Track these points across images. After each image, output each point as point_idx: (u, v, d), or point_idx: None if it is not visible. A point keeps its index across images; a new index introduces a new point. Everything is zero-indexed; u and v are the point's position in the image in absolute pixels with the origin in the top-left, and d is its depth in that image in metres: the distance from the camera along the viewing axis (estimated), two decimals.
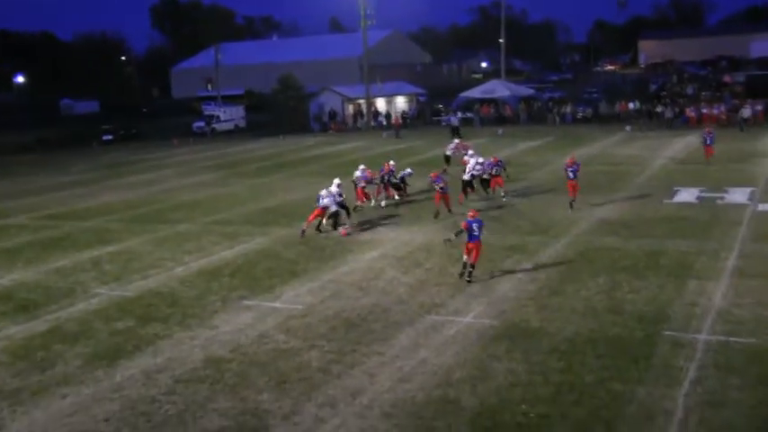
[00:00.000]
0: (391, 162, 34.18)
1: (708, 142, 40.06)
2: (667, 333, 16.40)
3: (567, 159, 31.25)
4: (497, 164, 33.41)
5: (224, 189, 41.37)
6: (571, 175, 29.84)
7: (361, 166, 33.58)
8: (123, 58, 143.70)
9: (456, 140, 45.20)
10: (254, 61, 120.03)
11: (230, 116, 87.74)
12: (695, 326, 16.75)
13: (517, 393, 13.85)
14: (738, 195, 31.05)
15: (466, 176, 32.81)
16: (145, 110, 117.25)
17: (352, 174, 33.48)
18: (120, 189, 43.59)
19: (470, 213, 21.65)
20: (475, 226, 20.99)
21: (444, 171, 39.47)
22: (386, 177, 33.21)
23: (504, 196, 32.65)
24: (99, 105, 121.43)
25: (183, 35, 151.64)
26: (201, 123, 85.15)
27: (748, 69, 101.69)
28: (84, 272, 24.61)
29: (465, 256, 21.17)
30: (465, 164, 34.94)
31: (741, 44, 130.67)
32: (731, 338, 15.89)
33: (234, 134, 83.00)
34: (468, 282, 20.79)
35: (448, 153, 42.65)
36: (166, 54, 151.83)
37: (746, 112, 60.82)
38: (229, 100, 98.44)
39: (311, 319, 18.67)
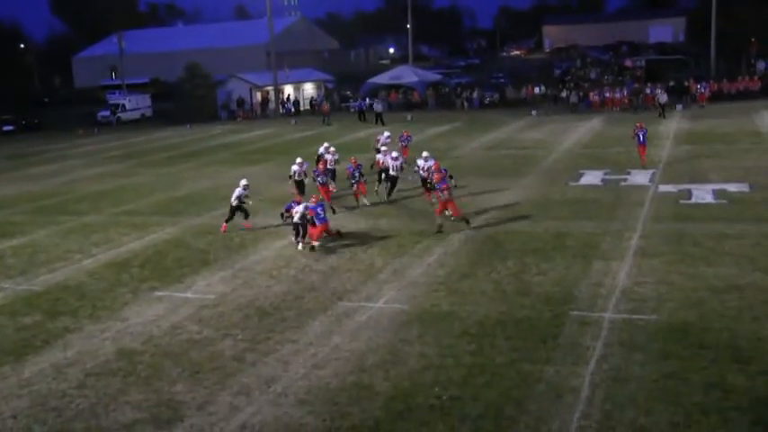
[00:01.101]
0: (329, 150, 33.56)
1: (641, 140, 33.87)
2: (574, 313, 16.83)
3: (433, 165, 26.82)
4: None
5: (131, 179, 40.64)
6: (444, 194, 24.85)
7: (298, 160, 31.00)
8: (22, 45, 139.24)
9: (387, 133, 38.61)
10: (159, 49, 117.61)
11: (136, 105, 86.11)
12: (601, 305, 17.24)
13: (429, 377, 14.05)
14: (640, 177, 31.92)
15: (418, 173, 29.14)
16: (47, 99, 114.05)
17: (259, 161, 33.19)
18: (22, 181, 42.40)
19: (313, 199, 24.15)
20: (320, 210, 23.51)
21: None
22: (356, 174, 29.19)
23: (469, 223, 25.06)
24: None
25: (84, 22, 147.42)
26: (107, 113, 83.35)
27: (647, 54, 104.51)
28: None
29: (315, 243, 23.43)
30: (380, 165, 31.27)
31: (640, 29, 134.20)
32: (634, 316, 16.41)
33: (140, 123, 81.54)
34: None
35: (381, 148, 34.46)
36: (68, 42, 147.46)
37: (663, 97, 57.27)
38: (135, 89, 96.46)
39: (224, 309, 18.58)
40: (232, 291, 19.96)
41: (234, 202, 26.35)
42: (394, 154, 31.00)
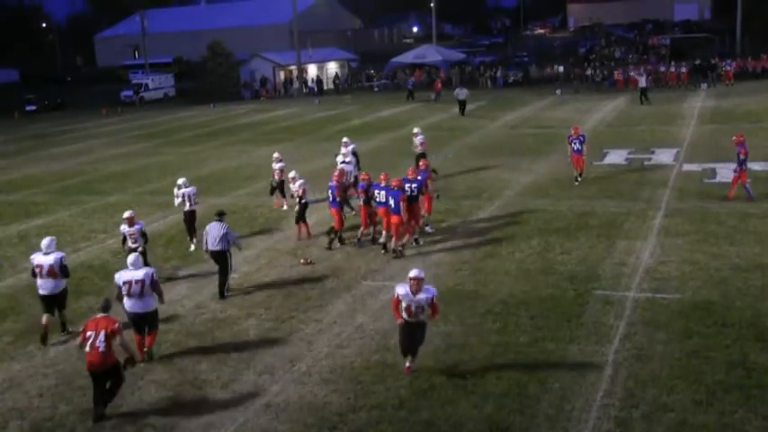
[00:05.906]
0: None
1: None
2: (598, 292, 16.79)
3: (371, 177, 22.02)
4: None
5: (155, 159, 40.79)
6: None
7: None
8: (44, 25, 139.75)
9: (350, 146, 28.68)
10: (182, 28, 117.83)
11: (159, 84, 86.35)
12: (624, 284, 17.19)
13: (453, 355, 14.08)
14: (665, 156, 31.72)
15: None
16: (69, 79, 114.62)
17: (283, 141, 33.00)
18: (46, 160, 42.61)
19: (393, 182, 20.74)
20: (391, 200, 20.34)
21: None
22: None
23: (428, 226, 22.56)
24: (19, 75, 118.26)
25: (105, 0, 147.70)
26: (130, 92, 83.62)
27: (673, 32, 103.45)
28: (12, 246, 24.12)
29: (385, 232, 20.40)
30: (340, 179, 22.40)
31: (666, 7, 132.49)
32: (658, 295, 16.36)
33: (163, 103, 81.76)
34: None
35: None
36: (89, 21, 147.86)
37: (642, 81, 53.92)
38: (158, 68, 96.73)
39: (247, 288, 18.67)
40: (256, 270, 20.04)
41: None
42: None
